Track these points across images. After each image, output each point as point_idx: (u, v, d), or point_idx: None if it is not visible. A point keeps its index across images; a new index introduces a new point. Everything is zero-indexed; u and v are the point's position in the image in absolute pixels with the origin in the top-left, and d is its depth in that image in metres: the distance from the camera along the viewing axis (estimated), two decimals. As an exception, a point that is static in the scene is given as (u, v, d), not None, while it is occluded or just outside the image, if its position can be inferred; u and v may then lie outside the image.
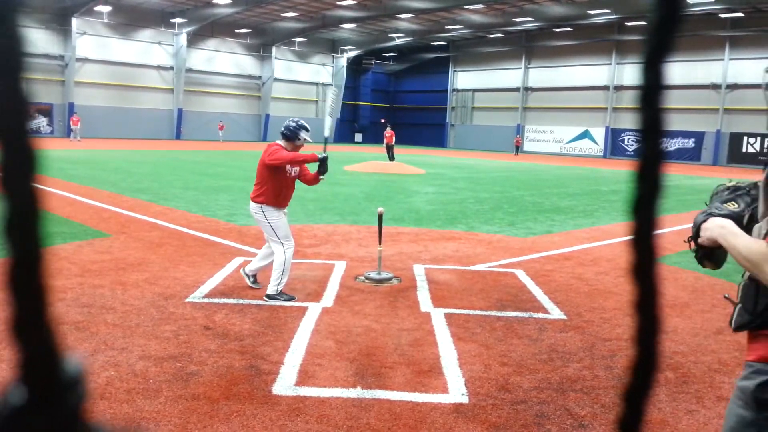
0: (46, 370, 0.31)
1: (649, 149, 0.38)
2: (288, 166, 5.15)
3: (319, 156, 5.20)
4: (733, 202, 1.76)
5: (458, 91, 51.84)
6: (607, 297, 5.64)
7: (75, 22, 36.62)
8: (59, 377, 0.31)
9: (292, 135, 5.23)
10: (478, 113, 50.67)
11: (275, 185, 5.15)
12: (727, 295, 6.32)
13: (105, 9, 36.74)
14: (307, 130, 5.27)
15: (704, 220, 1.73)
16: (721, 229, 1.68)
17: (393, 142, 26.47)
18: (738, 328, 1.70)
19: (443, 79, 52.56)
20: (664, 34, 0.37)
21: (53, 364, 0.31)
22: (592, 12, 34.73)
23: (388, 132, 26.71)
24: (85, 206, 10.08)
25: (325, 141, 5.38)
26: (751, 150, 36.18)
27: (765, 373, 1.48)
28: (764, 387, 1.48)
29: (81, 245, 7.00)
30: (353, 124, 54.18)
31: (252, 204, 5.26)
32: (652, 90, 0.38)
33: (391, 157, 25.37)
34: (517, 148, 41.48)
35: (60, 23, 36.55)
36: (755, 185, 1.74)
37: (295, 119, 5.42)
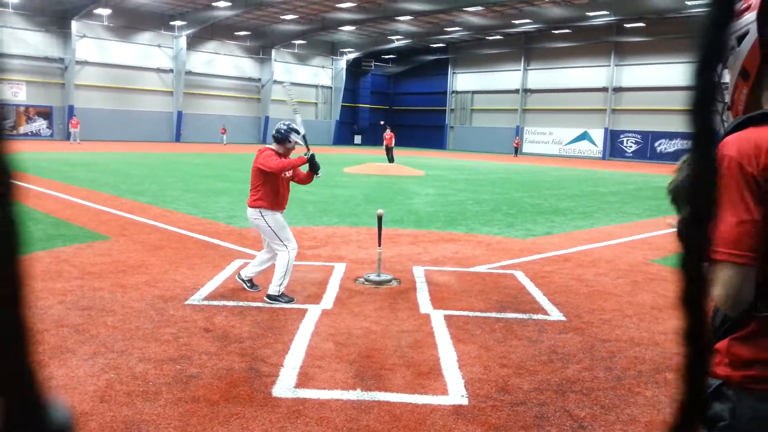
0: (31, 420, 0.30)
1: (703, 158, 0.37)
2: None
3: (306, 156, 5.22)
4: None
5: (457, 92, 51.88)
6: (606, 298, 5.65)
7: (75, 25, 36.65)
8: (46, 428, 0.30)
9: (282, 138, 5.27)
10: (477, 115, 50.71)
11: (271, 189, 5.18)
12: None
13: (104, 12, 36.78)
14: (297, 132, 5.30)
15: None
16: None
17: (393, 144, 26.50)
18: None
19: (442, 81, 52.61)
20: (717, 36, 0.36)
21: (38, 415, 0.30)
22: (591, 14, 34.77)
23: (388, 134, 26.74)
24: (84, 209, 10.08)
25: (304, 139, 5.41)
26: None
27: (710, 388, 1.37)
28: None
29: (81, 248, 7.00)
30: (352, 126, 54.22)
31: (250, 210, 5.27)
32: (705, 94, 0.37)
33: (391, 159, 25.39)
34: (516, 150, 41.49)
35: (59, 26, 36.59)
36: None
37: (287, 122, 5.45)
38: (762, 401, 1.30)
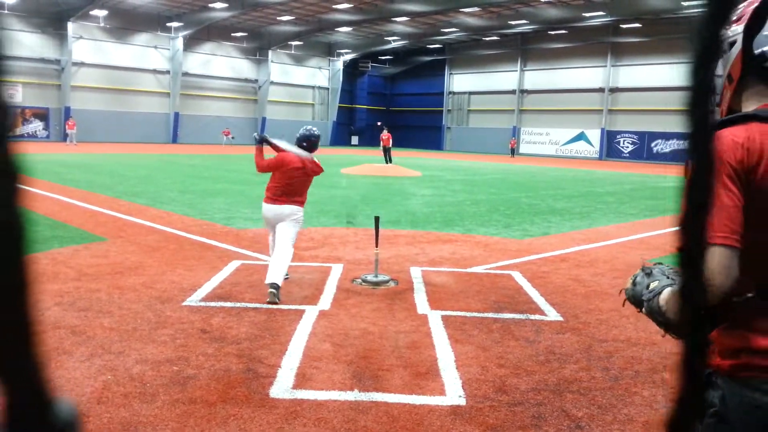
0: (36, 415, 0.29)
1: (701, 153, 0.38)
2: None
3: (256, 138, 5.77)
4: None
5: (454, 93, 51.92)
6: (603, 298, 5.66)
7: (71, 27, 36.58)
8: (51, 424, 0.29)
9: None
10: (474, 116, 50.77)
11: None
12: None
13: (101, 13, 36.72)
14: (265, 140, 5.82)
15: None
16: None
17: (390, 145, 26.52)
18: None
19: (439, 81, 52.65)
20: (713, 36, 0.36)
21: (44, 409, 0.29)
22: (587, 14, 34.84)
23: (385, 135, 26.77)
24: (81, 210, 10.06)
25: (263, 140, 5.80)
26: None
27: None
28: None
29: (77, 249, 6.99)
30: (350, 127, 54.22)
31: (294, 207, 5.63)
32: (700, 92, 0.38)
33: (388, 160, 25.39)
34: (513, 150, 41.51)
35: (56, 27, 36.52)
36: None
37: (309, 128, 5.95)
38: (749, 388, 1.36)
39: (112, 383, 3.47)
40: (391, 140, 26.75)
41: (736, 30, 1.39)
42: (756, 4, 1.37)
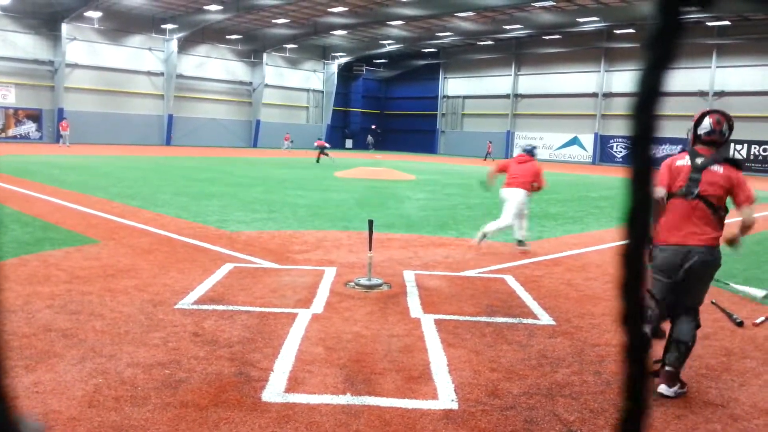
0: None
1: (640, 158, 0.39)
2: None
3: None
4: None
5: (448, 97, 52.04)
6: (596, 302, 5.68)
7: (65, 28, 36.43)
8: None
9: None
10: (468, 120, 50.89)
11: None
12: (714, 301, 6.46)
13: (95, 15, 36.60)
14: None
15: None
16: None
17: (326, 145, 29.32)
18: None
19: (434, 85, 52.76)
20: (664, 44, 0.38)
21: (10, 429, 0.29)
22: (581, 20, 35.02)
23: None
24: (74, 212, 10.01)
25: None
26: (737, 156, 36.53)
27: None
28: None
29: (69, 251, 6.95)
30: (344, 131, 54.23)
31: (524, 191, 8.04)
32: (648, 98, 0.39)
33: (319, 160, 27.96)
34: (488, 155, 41.41)
35: (50, 28, 36.36)
36: None
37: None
38: (658, 249, 3.77)
39: (103, 386, 3.45)
40: (325, 145, 29.13)
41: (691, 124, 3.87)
42: (700, 114, 3.88)
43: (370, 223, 6.23)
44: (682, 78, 37.58)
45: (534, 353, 4.29)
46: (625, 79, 41.07)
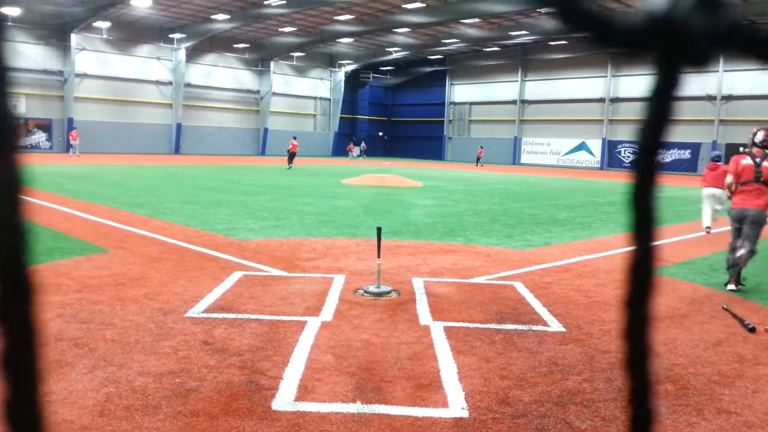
0: None
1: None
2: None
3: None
4: None
5: (455, 104, 52.10)
6: (606, 309, 5.64)
7: (74, 38, 36.83)
8: None
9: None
10: (475, 126, 50.90)
11: None
12: (725, 306, 6.44)
13: (104, 25, 36.97)
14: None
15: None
16: None
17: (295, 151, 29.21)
18: None
19: (440, 92, 52.86)
20: (663, 101, 0.39)
21: None
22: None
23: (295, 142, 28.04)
24: (83, 221, 10.08)
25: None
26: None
27: None
28: None
29: (79, 260, 7.00)
30: (351, 138, 54.38)
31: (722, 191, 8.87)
32: (648, 152, 0.40)
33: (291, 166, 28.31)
34: (478, 160, 41.48)
35: (59, 39, 36.76)
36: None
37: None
38: (734, 210, 6.64)
39: (115, 396, 3.46)
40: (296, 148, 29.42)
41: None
42: (756, 129, 6.63)
43: (379, 230, 6.23)
44: (690, 83, 37.45)
45: (544, 360, 4.26)
46: (632, 83, 40.96)
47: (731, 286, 6.43)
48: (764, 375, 4.17)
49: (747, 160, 6.48)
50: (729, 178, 6.58)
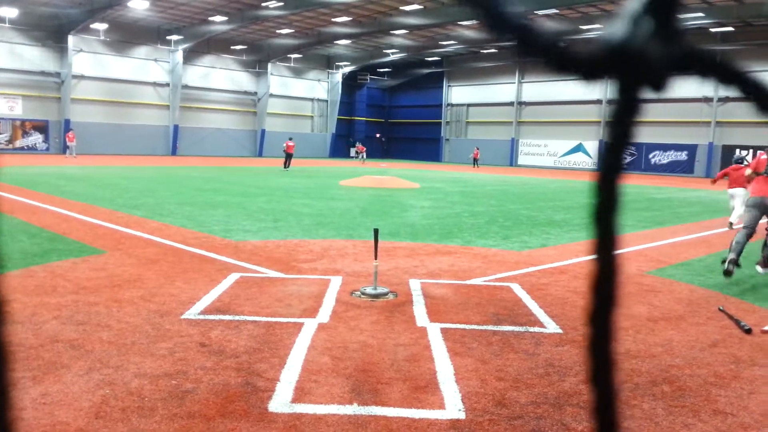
0: None
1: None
2: None
3: None
4: None
5: (453, 105, 52.17)
6: (602, 310, 5.64)
7: (71, 40, 36.79)
8: None
9: None
10: (473, 127, 50.98)
11: None
12: (721, 308, 6.47)
13: (101, 26, 36.95)
14: None
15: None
16: None
17: (292, 152, 29.07)
18: None
19: (438, 93, 52.93)
20: (623, 124, 0.40)
21: None
22: (585, 27, 35.11)
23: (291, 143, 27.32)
24: (80, 223, 10.06)
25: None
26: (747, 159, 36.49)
27: None
28: None
29: (76, 262, 6.98)
30: (348, 139, 54.40)
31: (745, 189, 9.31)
32: (608, 173, 0.41)
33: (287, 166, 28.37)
34: (475, 161, 41.55)
35: (56, 41, 36.72)
36: None
37: None
38: (753, 199, 7.34)
39: (111, 397, 3.45)
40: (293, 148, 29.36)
41: None
42: None
43: (376, 231, 6.23)
44: (686, 85, 37.49)
45: (541, 362, 4.27)
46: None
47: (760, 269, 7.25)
48: (760, 376, 4.18)
49: (765, 156, 7.53)
50: (748, 171, 7.85)
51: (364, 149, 43.77)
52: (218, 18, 35.73)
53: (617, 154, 0.38)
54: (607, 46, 0.37)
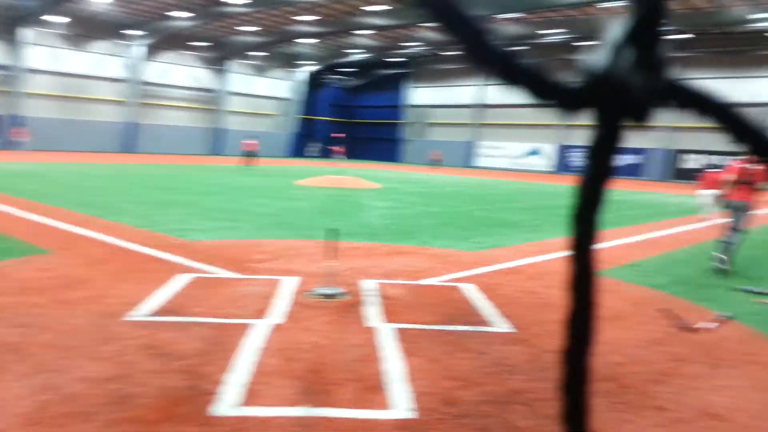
0: None
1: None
2: None
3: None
4: None
5: (415, 106, 52.47)
6: (554, 310, 5.76)
7: (26, 33, 35.48)
8: None
9: None
10: (435, 129, 51.39)
11: None
12: (664, 308, 6.67)
13: (62, 20, 35.74)
14: None
15: None
16: None
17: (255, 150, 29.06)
18: None
19: (400, 94, 53.16)
20: (603, 155, 0.41)
21: None
22: (543, 32, 35.82)
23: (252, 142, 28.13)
24: (26, 221, 9.71)
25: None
26: (691, 166, 37.82)
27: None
28: None
29: (20, 262, 6.73)
30: (309, 139, 54.06)
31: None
32: (587, 207, 0.41)
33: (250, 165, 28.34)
34: (434, 162, 41.94)
35: (9, 33, 35.33)
36: None
37: None
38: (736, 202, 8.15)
39: (50, 403, 3.34)
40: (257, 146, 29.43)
41: None
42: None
43: (332, 232, 6.21)
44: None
45: (491, 361, 4.33)
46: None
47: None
48: (699, 373, 4.34)
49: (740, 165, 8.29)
50: (725, 177, 8.47)
51: (342, 149, 43.38)
52: (181, 14, 35.01)
53: (598, 188, 0.39)
54: (590, 78, 0.37)
